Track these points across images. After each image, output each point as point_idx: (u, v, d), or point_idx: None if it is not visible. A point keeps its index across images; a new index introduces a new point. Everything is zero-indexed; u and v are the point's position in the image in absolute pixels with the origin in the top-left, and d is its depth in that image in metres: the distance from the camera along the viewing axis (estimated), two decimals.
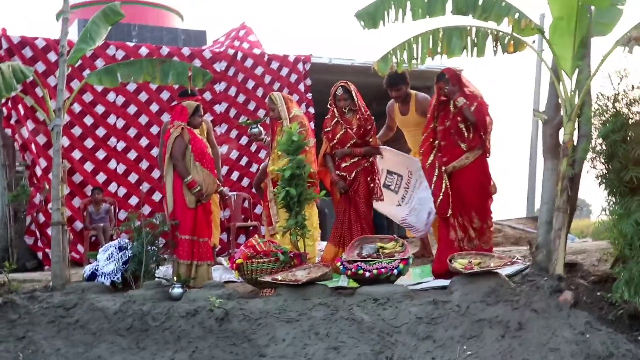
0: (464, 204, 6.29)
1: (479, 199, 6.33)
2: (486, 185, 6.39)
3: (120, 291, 6.03)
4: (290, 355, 5.04)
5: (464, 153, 6.31)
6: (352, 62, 11.99)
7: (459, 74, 6.46)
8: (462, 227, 6.30)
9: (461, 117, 6.33)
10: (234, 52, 11.09)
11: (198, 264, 6.39)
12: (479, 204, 6.33)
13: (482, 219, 6.31)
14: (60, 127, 6.50)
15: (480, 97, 6.38)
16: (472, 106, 6.24)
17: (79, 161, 9.78)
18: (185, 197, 6.40)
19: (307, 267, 5.91)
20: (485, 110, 6.31)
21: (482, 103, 6.34)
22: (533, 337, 4.99)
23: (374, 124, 7.03)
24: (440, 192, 6.34)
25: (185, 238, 6.35)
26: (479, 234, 6.28)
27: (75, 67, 9.20)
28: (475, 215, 6.27)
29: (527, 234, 10.69)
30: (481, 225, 6.29)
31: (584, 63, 5.91)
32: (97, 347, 5.31)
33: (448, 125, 6.39)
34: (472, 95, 6.32)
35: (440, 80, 6.49)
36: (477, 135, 6.33)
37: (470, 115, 6.25)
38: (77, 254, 9.24)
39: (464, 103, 6.26)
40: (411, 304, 5.32)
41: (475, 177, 6.33)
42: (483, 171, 6.40)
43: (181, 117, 6.58)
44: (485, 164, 6.44)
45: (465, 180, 6.30)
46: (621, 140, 5.35)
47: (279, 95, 7.15)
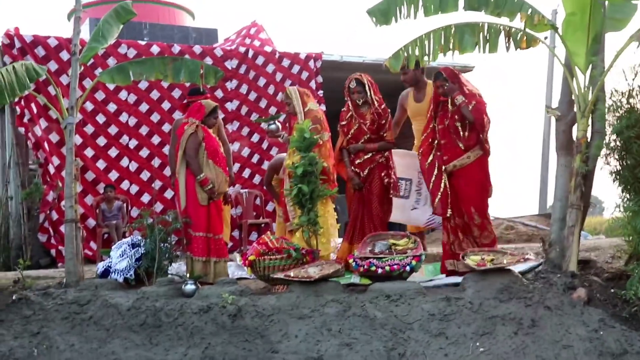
0: (464, 201, 6.27)
1: (479, 196, 6.32)
2: (486, 183, 6.38)
3: (133, 288, 6.05)
4: (303, 351, 5.04)
5: (463, 152, 6.30)
6: (364, 60, 11.97)
7: (457, 73, 6.45)
8: (459, 228, 6.29)
9: (459, 116, 6.31)
10: (245, 50, 11.10)
11: (216, 260, 6.41)
12: (479, 201, 6.31)
13: (481, 215, 6.28)
14: (73, 125, 6.53)
15: (478, 96, 6.34)
16: (471, 105, 6.22)
17: (92, 159, 9.82)
18: (197, 195, 6.41)
19: (320, 264, 5.91)
20: (484, 109, 6.28)
21: (481, 102, 6.31)
22: (546, 334, 4.98)
23: (390, 118, 6.93)
24: (438, 192, 6.32)
25: (199, 235, 6.36)
26: (480, 230, 6.26)
27: (87, 66, 9.21)
28: (475, 212, 6.25)
29: (540, 231, 10.65)
30: (481, 221, 6.27)
31: (597, 59, 5.88)
32: (111, 343, 5.34)
33: (447, 124, 6.37)
34: (470, 94, 6.29)
35: (438, 79, 6.44)
36: (474, 134, 6.31)
37: (468, 114, 6.22)
38: (90, 251, 9.28)
39: (462, 101, 6.24)
40: (424, 301, 5.31)
41: (477, 175, 6.33)
42: (484, 170, 6.39)
43: (197, 115, 6.59)
44: (486, 163, 6.42)
45: (467, 179, 6.29)
46: (635, 137, 5.32)
47: (294, 90, 7.07)
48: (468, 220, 6.25)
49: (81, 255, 6.48)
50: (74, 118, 6.54)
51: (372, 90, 6.86)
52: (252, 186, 10.73)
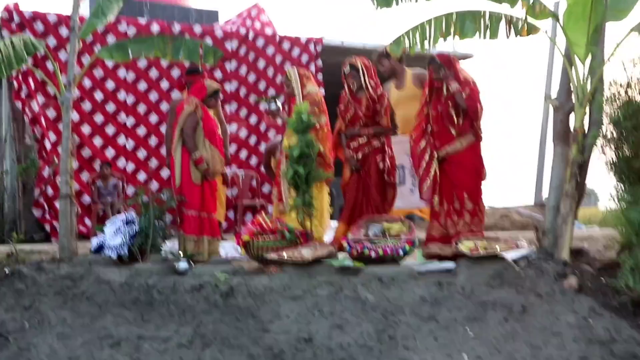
0: (457, 187, 6.25)
1: (472, 183, 6.32)
2: (480, 169, 6.36)
3: (126, 265, 6.06)
4: (294, 331, 5.06)
5: (455, 139, 6.28)
6: (364, 45, 11.95)
7: (452, 59, 6.41)
8: (449, 213, 6.27)
9: (452, 103, 6.28)
10: (245, 31, 11.08)
11: (209, 239, 6.42)
12: (472, 187, 6.31)
13: (474, 201, 6.27)
14: (70, 101, 6.52)
15: (472, 83, 6.32)
16: (464, 92, 6.20)
17: (89, 136, 9.81)
18: (191, 173, 6.42)
19: (313, 246, 5.93)
20: (477, 97, 6.26)
21: (474, 89, 6.29)
22: (536, 321, 5.00)
23: (386, 103, 6.90)
24: (428, 178, 6.33)
25: (191, 214, 6.38)
26: (472, 216, 6.24)
27: (86, 43, 9.22)
28: (468, 198, 6.24)
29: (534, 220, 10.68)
30: (473, 207, 6.25)
31: (597, 49, 5.87)
32: (103, 318, 5.34)
33: (440, 110, 6.35)
34: (464, 81, 6.28)
35: (432, 65, 6.41)
36: (467, 122, 6.29)
37: (462, 102, 6.20)
38: (85, 228, 9.30)
39: (456, 89, 6.21)
40: (416, 285, 5.33)
41: (470, 162, 6.31)
42: (477, 156, 6.37)
43: (199, 94, 6.59)
44: (479, 149, 6.40)
45: (460, 165, 6.27)
46: (632, 128, 5.33)
47: (294, 71, 7.06)
48: (460, 206, 6.23)
49: (75, 231, 6.49)
50: (72, 94, 6.53)
51: (366, 75, 6.81)
52: (249, 167, 10.74)
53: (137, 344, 5.06)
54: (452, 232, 6.17)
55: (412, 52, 6.78)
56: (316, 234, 6.51)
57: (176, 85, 10.16)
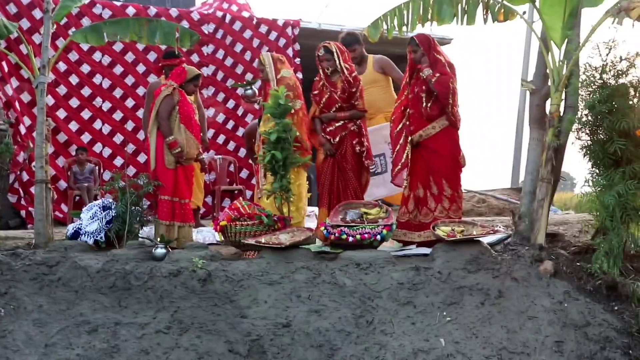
0: (434, 173, 6.19)
1: (449, 168, 6.21)
2: (456, 155, 6.25)
3: (103, 250, 6.01)
4: (272, 317, 5.07)
5: (428, 123, 6.21)
6: (342, 28, 11.89)
7: (429, 39, 6.26)
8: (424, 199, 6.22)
9: (425, 86, 6.20)
10: (222, 14, 10.98)
11: (180, 225, 6.38)
12: (449, 173, 6.21)
13: (452, 187, 6.19)
14: (45, 84, 6.42)
15: (447, 66, 6.19)
16: (434, 77, 6.09)
17: (64, 120, 9.71)
18: (165, 157, 6.36)
19: (291, 231, 5.93)
20: (447, 81, 6.09)
21: (446, 73, 6.13)
22: (512, 305, 5.05)
23: (360, 86, 6.80)
24: (399, 162, 6.30)
25: (165, 198, 6.34)
26: (450, 202, 6.18)
27: (60, 25, 9.09)
28: (446, 183, 6.17)
29: (511, 205, 10.76)
30: (452, 193, 6.18)
31: (573, 33, 5.90)
32: (79, 304, 5.31)
33: (417, 92, 6.28)
34: (440, 64, 6.16)
35: (410, 45, 6.30)
36: (437, 106, 6.17)
37: (432, 87, 6.12)
38: (61, 213, 9.22)
39: (428, 74, 6.12)
40: (393, 270, 5.35)
41: (444, 146, 6.20)
42: (452, 141, 6.26)
43: (177, 79, 6.53)
44: (454, 134, 6.29)
45: (435, 150, 6.19)
46: (607, 112, 5.37)
47: (267, 56, 6.98)
48: (438, 192, 6.19)
49: (51, 216, 6.42)
50: (46, 77, 6.43)
51: (341, 58, 6.72)
52: (226, 152, 10.69)
53: (114, 330, 5.05)
54: (429, 218, 6.15)
55: (389, 35, 6.78)
56: (294, 220, 6.50)
57: (153, 69, 10.06)
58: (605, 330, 4.74)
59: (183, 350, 4.89)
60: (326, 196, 6.76)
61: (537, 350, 4.68)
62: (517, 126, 16.66)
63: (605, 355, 4.58)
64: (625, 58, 5.46)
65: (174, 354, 4.87)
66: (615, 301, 5.08)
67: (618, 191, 5.24)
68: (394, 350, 4.77)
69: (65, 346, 4.92)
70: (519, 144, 16.53)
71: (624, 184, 5.26)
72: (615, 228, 5.31)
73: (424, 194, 6.22)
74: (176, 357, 4.85)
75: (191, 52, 10.16)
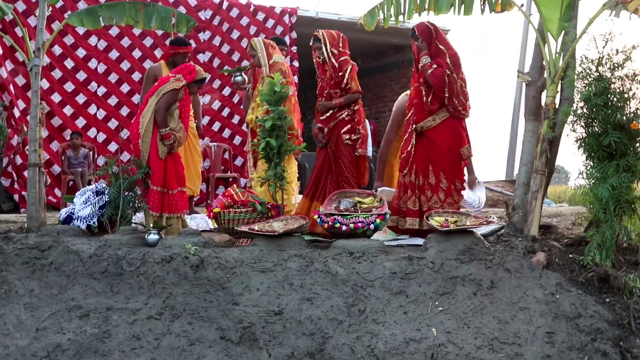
0: (434, 163, 6.17)
1: (447, 160, 6.17)
2: (455, 147, 6.19)
3: (95, 235, 6.00)
4: (264, 304, 5.06)
5: (428, 115, 6.18)
6: (339, 17, 11.89)
7: (430, 29, 6.18)
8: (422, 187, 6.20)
9: (424, 79, 6.18)
10: (219, 1, 10.93)
11: (168, 216, 6.32)
12: (447, 165, 6.17)
13: (449, 180, 6.17)
14: (40, 67, 6.40)
15: (448, 57, 6.10)
16: (430, 69, 6.05)
17: (59, 104, 9.67)
18: (158, 148, 6.31)
19: (284, 219, 5.91)
20: (441, 74, 6.02)
21: (442, 65, 6.05)
22: (504, 295, 5.05)
23: (348, 71, 6.63)
24: (405, 150, 6.29)
25: (155, 189, 6.28)
26: (446, 195, 6.16)
27: (56, 8, 9.06)
28: (443, 175, 6.16)
29: (505, 197, 10.77)
30: (448, 185, 6.17)
31: (570, 25, 5.89)
32: (71, 289, 5.30)
33: (420, 82, 6.25)
34: (441, 54, 6.09)
35: (412, 36, 6.25)
36: (437, 100, 6.13)
37: (428, 79, 6.09)
38: (55, 198, 9.20)
39: (425, 64, 6.08)
40: (386, 259, 5.35)
41: (443, 139, 6.16)
42: (453, 133, 6.19)
43: (188, 77, 6.45)
44: (456, 126, 6.21)
45: (435, 141, 6.16)
46: (602, 105, 5.36)
47: (259, 41, 6.94)
48: (435, 183, 6.17)
49: (44, 200, 6.40)
50: (41, 60, 6.40)
51: (328, 45, 6.64)
52: (221, 140, 10.67)
53: (106, 315, 5.04)
54: (425, 207, 6.15)
55: (386, 24, 6.76)
56: (288, 207, 6.50)
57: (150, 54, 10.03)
58: (596, 322, 4.75)
59: (174, 337, 4.89)
60: (311, 186, 6.73)
61: (529, 341, 4.69)
62: (513, 118, 16.67)
63: (596, 347, 4.60)
64: (622, 51, 5.44)
65: (165, 340, 4.87)
66: (607, 293, 5.09)
67: (612, 184, 5.24)
68: (385, 339, 4.77)
69: (56, 330, 4.92)
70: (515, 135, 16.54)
71: (617, 176, 5.26)
72: (608, 220, 5.31)
73: (422, 183, 6.21)
74: (167, 343, 4.85)
75: (188, 38, 10.10)
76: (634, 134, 5.36)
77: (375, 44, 12.92)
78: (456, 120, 6.22)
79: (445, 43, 6.20)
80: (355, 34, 7.23)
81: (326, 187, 6.63)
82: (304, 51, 11.23)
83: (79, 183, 9.01)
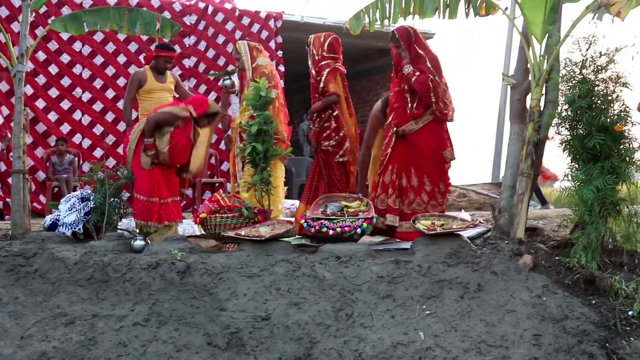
0: (417, 167, 6.18)
1: (430, 163, 6.19)
2: (438, 150, 6.21)
3: (81, 242, 5.97)
4: (251, 310, 5.04)
5: (410, 119, 6.18)
6: (324, 21, 11.90)
7: (410, 33, 6.20)
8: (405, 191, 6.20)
9: (408, 85, 6.17)
10: (204, 5, 10.92)
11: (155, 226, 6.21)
12: (431, 168, 6.19)
13: (433, 183, 6.20)
14: (23, 73, 6.36)
15: (428, 61, 6.12)
16: (414, 76, 6.05)
17: (43, 110, 9.62)
18: (141, 157, 6.24)
19: (271, 224, 5.90)
20: (425, 81, 6.02)
21: (424, 71, 6.06)
22: (491, 298, 5.06)
23: (324, 74, 6.54)
24: (386, 152, 6.27)
25: (139, 198, 6.21)
26: (429, 197, 6.19)
27: (40, 14, 9.01)
28: (427, 179, 6.18)
29: (491, 199, 10.81)
30: (432, 187, 6.19)
31: (554, 28, 5.92)
32: (57, 296, 5.26)
33: (402, 87, 6.24)
34: (421, 60, 6.11)
35: (391, 40, 6.26)
36: (422, 105, 6.14)
37: (413, 87, 6.08)
38: (39, 205, 9.14)
39: (409, 72, 6.08)
40: (373, 263, 5.34)
41: (426, 142, 6.17)
42: (436, 137, 6.21)
43: (197, 109, 6.28)
44: (438, 129, 6.24)
45: (417, 145, 6.18)
46: (587, 107, 5.38)
47: (243, 44, 6.90)
48: (419, 184, 6.19)
49: (29, 207, 6.36)
50: (24, 66, 6.36)
51: (313, 48, 6.61)
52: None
53: (92, 322, 5.01)
54: (408, 209, 6.15)
55: (371, 28, 6.77)
56: (275, 212, 6.48)
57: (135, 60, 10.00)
58: (582, 324, 4.76)
59: (161, 343, 4.86)
60: (306, 191, 6.75)
61: (516, 344, 4.69)
62: (498, 121, 16.73)
63: (582, 349, 4.61)
64: (605, 53, 5.47)
65: (152, 346, 4.84)
66: (593, 295, 5.10)
67: (597, 186, 5.26)
68: (373, 343, 4.77)
69: (41, 338, 4.88)
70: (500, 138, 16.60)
71: (602, 178, 5.28)
72: (593, 222, 5.33)
73: (406, 185, 6.22)
74: (154, 349, 4.82)
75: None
76: (618, 136, 5.39)
77: (361, 48, 12.95)
78: (439, 124, 6.25)
79: (424, 47, 6.24)
80: (341, 38, 7.22)
81: (318, 191, 6.62)
82: (289, 56, 11.27)
83: (64, 189, 8.95)
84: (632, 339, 4.68)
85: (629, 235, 5.44)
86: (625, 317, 4.85)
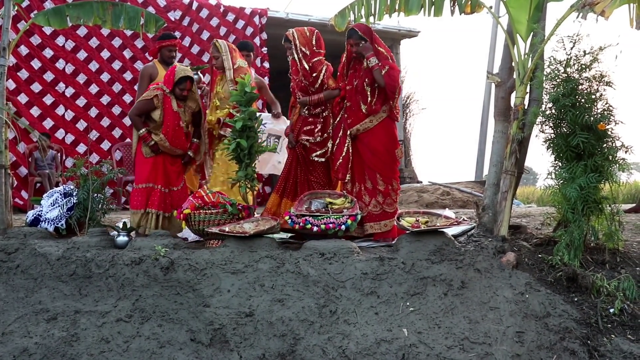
0: (369, 166, 6.17)
1: (384, 162, 6.18)
2: (392, 149, 6.22)
3: (63, 238, 5.92)
4: (235, 306, 5.03)
5: (366, 116, 6.16)
6: (309, 18, 11.89)
7: (371, 30, 6.18)
8: (358, 195, 6.18)
9: (369, 79, 6.12)
10: (189, 1, 10.87)
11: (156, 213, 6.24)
12: (384, 167, 6.17)
13: (386, 181, 6.18)
14: (5, 68, 6.29)
15: (392, 60, 6.16)
16: (384, 69, 6.02)
17: (25, 105, 9.54)
18: (142, 148, 6.31)
19: (255, 220, 5.89)
20: (396, 76, 6.05)
21: (394, 67, 6.08)
22: (475, 295, 5.08)
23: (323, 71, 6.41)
24: (340, 155, 6.24)
25: (139, 187, 6.23)
26: (384, 197, 6.16)
27: (22, 8, 8.91)
28: (380, 178, 6.15)
29: (475, 197, 10.84)
30: (386, 186, 6.17)
31: (538, 27, 5.95)
32: (39, 292, 5.23)
33: (356, 84, 6.20)
34: (384, 56, 6.10)
35: (352, 37, 6.16)
36: (380, 100, 6.14)
37: (380, 79, 6.03)
38: (21, 200, 9.07)
39: (376, 64, 6.04)
40: (357, 260, 5.35)
41: (380, 140, 6.16)
42: (389, 135, 6.22)
43: (167, 81, 6.36)
44: (392, 127, 6.25)
45: (371, 144, 6.16)
46: (571, 105, 5.41)
47: (224, 44, 6.83)
48: (373, 186, 6.16)
49: (10, 203, 6.30)
50: (6, 60, 6.30)
51: (298, 45, 6.45)
52: None
53: (74, 318, 4.98)
54: (364, 212, 6.11)
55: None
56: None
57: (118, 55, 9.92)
58: (565, 321, 4.79)
59: (144, 339, 4.84)
60: (281, 182, 6.63)
61: (499, 341, 4.72)
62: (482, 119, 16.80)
63: (564, 346, 4.64)
64: (589, 52, 5.50)
65: (134, 342, 4.82)
66: (575, 292, 5.13)
67: (580, 184, 5.29)
68: (357, 340, 4.77)
69: (23, 334, 4.84)
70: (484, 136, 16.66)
71: (585, 177, 5.31)
72: (576, 220, 5.37)
73: (359, 189, 6.21)
74: (137, 346, 4.80)
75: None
76: (601, 134, 5.42)
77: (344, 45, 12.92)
78: (392, 122, 6.26)
79: (382, 45, 6.24)
80: (326, 35, 7.19)
81: (296, 184, 6.55)
82: (274, 52, 11.24)
83: (47, 185, 8.89)
84: (614, 336, 4.72)
85: (611, 233, 5.49)
86: (607, 314, 4.89)
